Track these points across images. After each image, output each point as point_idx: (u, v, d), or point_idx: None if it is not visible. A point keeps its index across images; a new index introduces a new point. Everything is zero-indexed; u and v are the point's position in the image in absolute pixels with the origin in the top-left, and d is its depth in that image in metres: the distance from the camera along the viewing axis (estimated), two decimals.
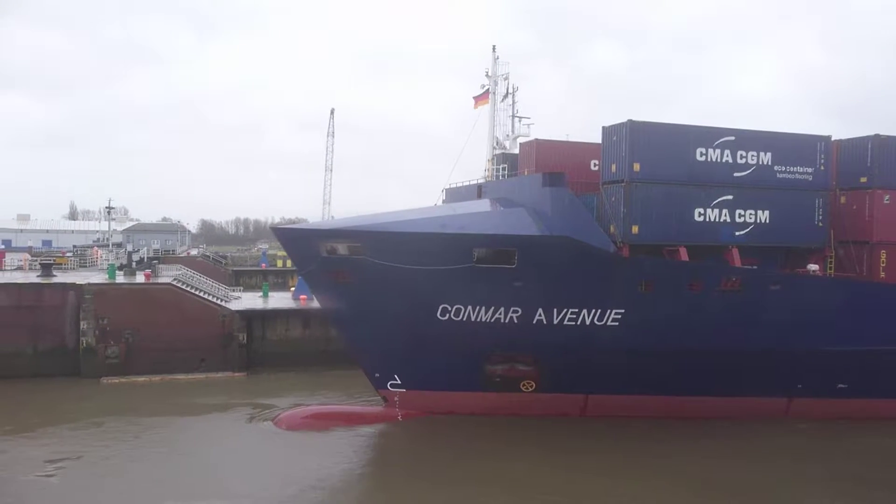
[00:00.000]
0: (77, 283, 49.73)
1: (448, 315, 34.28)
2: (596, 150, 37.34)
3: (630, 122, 34.67)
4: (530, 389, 36.82)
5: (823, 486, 29.87)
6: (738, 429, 35.90)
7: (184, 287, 51.84)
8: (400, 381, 36.87)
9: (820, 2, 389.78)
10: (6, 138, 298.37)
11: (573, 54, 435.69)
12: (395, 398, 37.07)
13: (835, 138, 38.56)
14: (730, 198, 35.53)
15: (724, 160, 35.61)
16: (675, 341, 34.35)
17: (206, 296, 52.66)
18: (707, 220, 35.26)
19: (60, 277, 54.60)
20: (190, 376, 47.45)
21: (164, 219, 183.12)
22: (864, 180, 38.02)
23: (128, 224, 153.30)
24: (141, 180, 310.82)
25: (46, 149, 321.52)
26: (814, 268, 36.99)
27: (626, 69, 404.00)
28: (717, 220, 35.38)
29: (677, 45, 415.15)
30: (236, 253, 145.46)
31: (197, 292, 52.58)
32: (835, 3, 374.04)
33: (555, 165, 37.18)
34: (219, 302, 52.59)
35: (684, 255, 34.75)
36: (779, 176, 36.33)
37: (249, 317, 51.60)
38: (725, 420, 36.51)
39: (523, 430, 35.20)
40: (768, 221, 36.01)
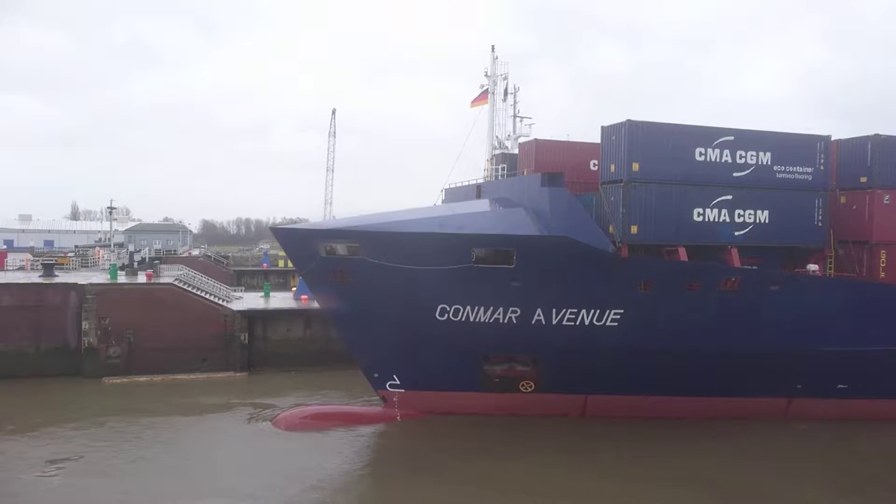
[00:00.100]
0: (79, 283, 50.15)
1: (447, 315, 34.51)
2: (595, 150, 37.50)
3: (629, 121, 34.85)
4: (529, 390, 37.06)
5: (823, 486, 30.00)
6: (738, 429, 36.08)
7: (185, 287, 52.26)
8: (399, 382, 37.15)
9: (823, 1, 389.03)
10: (9, 139, 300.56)
11: (575, 55, 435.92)
12: (394, 398, 37.33)
13: (835, 138, 38.77)
14: (729, 198, 35.71)
15: (723, 160, 35.79)
16: (675, 342, 34.52)
17: (207, 296, 53.09)
18: (706, 220, 35.43)
19: (62, 277, 55.02)
20: (191, 376, 47.86)
21: (165, 219, 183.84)
22: (863, 180, 38.24)
23: (129, 224, 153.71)
24: (143, 180, 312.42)
25: (49, 149, 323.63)
26: (813, 268, 37.15)
27: (628, 70, 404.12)
28: (717, 220, 35.57)
29: (680, 45, 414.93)
30: (238, 253, 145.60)
31: (198, 292, 53.01)
32: (837, 3, 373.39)
33: (554, 165, 37.40)
34: (220, 302, 53.03)
35: (683, 255, 34.92)
36: (778, 176, 36.49)
37: (251, 317, 51.98)
38: (725, 420, 36.65)
39: (522, 430, 35.45)
40: (768, 221, 36.18)
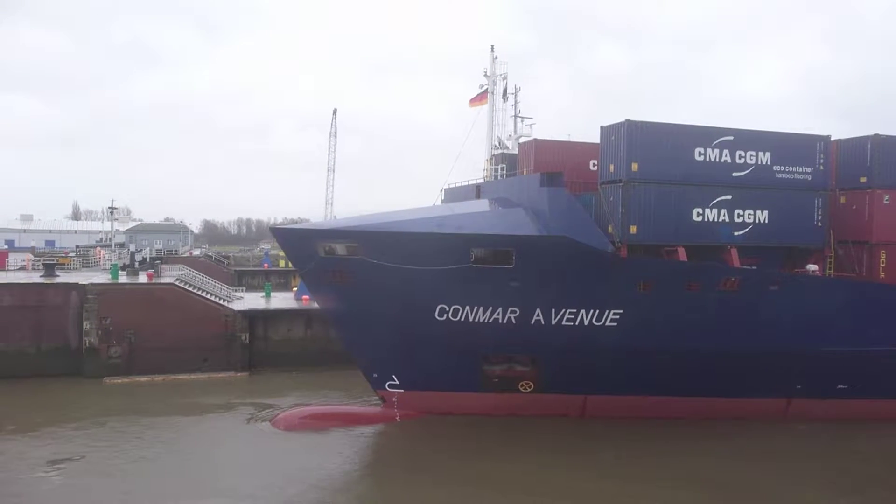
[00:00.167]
0: (80, 283, 50.54)
1: (446, 315, 34.73)
2: (595, 150, 37.67)
3: (628, 121, 35.03)
4: (529, 390, 37.29)
5: (823, 486, 30.18)
6: (738, 429, 36.30)
7: (186, 287, 52.63)
8: (398, 382, 37.40)
9: (823, 1, 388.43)
10: (9, 139, 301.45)
11: (575, 55, 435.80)
12: (394, 398, 37.57)
13: (834, 138, 38.91)
14: (728, 198, 35.88)
15: (722, 160, 35.95)
16: (674, 342, 34.73)
17: (208, 296, 53.46)
18: (706, 220, 35.61)
19: (63, 277, 55.44)
20: (192, 376, 48.19)
21: (166, 219, 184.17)
22: (863, 180, 38.38)
23: (130, 224, 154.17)
24: (143, 181, 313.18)
25: (49, 149, 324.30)
26: (813, 268, 37.30)
27: (628, 70, 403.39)
28: (716, 220, 35.74)
29: (679, 45, 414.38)
30: (239, 253, 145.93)
31: (199, 292, 53.38)
32: (837, 3, 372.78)
33: (553, 165, 37.59)
34: (221, 302, 53.40)
35: (683, 255, 35.08)
36: (778, 176, 36.65)
37: (252, 317, 52.31)
38: (724, 420, 36.83)
39: (521, 430, 35.68)
40: (767, 221, 36.35)
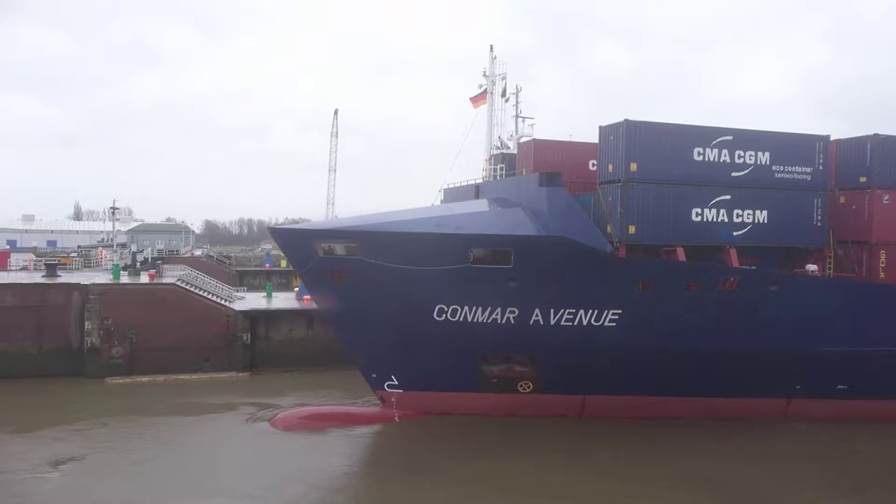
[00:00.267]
0: (82, 283, 51.19)
1: (445, 315, 35.09)
2: (594, 150, 37.96)
3: (627, 121, 35.34)
4: (527, 390, 37.69)
5: (823, 486, 30.51)
6: (737, 429, 36.63)
7: (188, 287, 53.25)
8: (397, 382, 37.78)
9: (823, 1, 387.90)
10: (9, 139, 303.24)
11: (575, 55, 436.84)
12: (393, 399, 37.95)
13: (834, 138, 39.18)
14: (727, 198, 36.18)
15: (721, 160, 36.26)
16: (673, 342, 35.08)
17: (210, 296, 54.06)
18: (704, 220, 35.91)
19: (65, 278, 56.16)
20: (194, 376, 48.75)
21: (168, 219, 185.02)
22: (863, 180, 38.65)
23: (132, 224, 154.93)
24: (143, 181, 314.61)
25: (49, 149, 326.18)
26: (812, 268, 37.58)
27: (628, 70, 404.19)
28: (715, 220, 36.04)
29: (679, 45, 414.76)
30: (240, 253, 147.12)
31: (201, 292, 53.99)
32: (837, 3, 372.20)
33: (553, 165, 37.97)
34: (223, 302, 54.01)
35: (682, 255, 35.39)
36: (777, 176, 36.93)
37: (253, 317, 52.86)
38: (724, 421, 37.14)
39: (520, 430, 36.06)
40: (766, 222, 36.64)
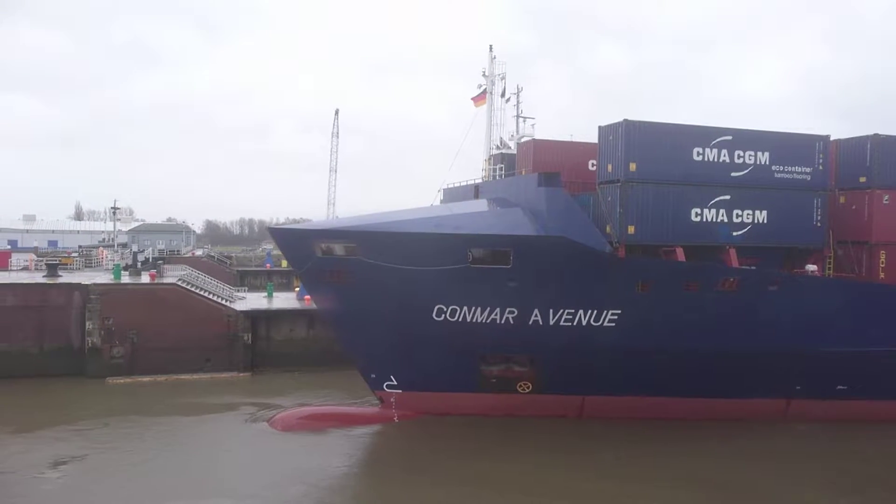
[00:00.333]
0: (82, 283, 51.65)
1: (444, 316, 35.31)
2: (594, 150, 38.19)
3: (626, 121, 35.58)
4: (527, 390, 37.95)
5: (823, 486, 30.76)
6: (737, 430, 36.85)
7: (189, 287, 53.67)
8: (396, 383, 38.02)
9: (823, 1, 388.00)
10: (10, 139, 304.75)
11: (575, 55, 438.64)
12: (392, 399, 38.19)
13: (834, 138, 39.38)
14: (727, 198, 36.42)
15: (721, 160, 36.50)
16: (672, 342, 35.31)
17: (210, 296, 54.49)
18: (704, 220, 36.16)
19: (66, 278, 56.66)
20: (195, 376, 49.15)
21: (168, 219, 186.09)
22: (863, 180, 38.86)
23: (133, 224, 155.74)
24: (144, 181, 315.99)
25: (49, 149, 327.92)
26: (812, 268, 37.82)
27: (628, 70, 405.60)
28: (715, 220, 36.29)
29: (679, 45, 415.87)
30: (241, 253, 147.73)
31: (202, 293, 54.43)
32: (837, 3, 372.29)
33: (552, 165, 38.23)
34: (224, 302, 54.45)
35: (681, 255, 35.63)
36: (777, 176, 37.16)
37: (254, 317, 53.26)
38: (724, 421, 37.35)
39: (520, 430, 36.33)
40: (766, 222, 36.88)
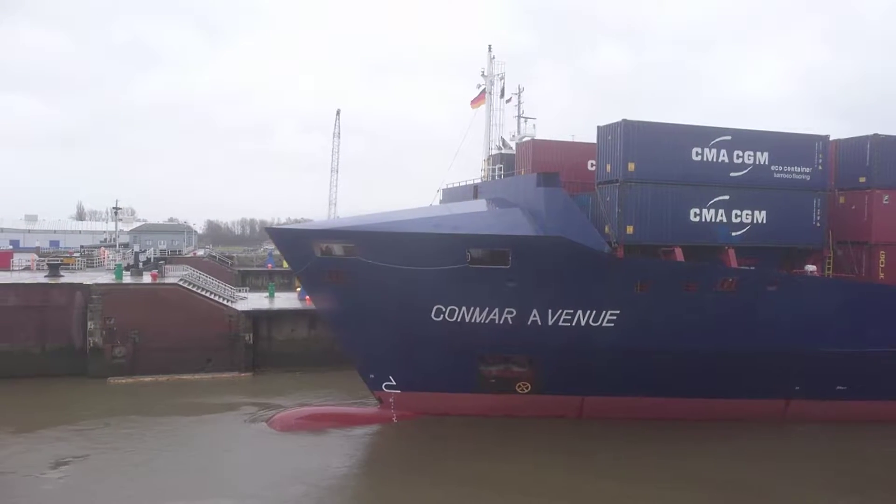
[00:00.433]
0: (84, 283, 52.28)
1: (442, 316, 35.70)
2: (593, 150, 38.64)
3: (625, 121, 36.01)
4: (526, 391, 38.38)
5: (822, 486, 31.18)
6: (737, 430, 37.27)
7: (190, 287, 54.28)
8: (395, 383, 38.43)
9: (823, 1, 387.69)
10: (10, 139, 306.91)
11: (576, 55, 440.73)
12: (390, 399, 38.63)
13: (833, 138, 39.73)
14: (726, 198, 36.81)
15: (720, 160, 36.91)
16: (671, 343, 35.71)
17: (212, 296, 55.13)
18: (703, 220, 36.56)
19: (68, 278, 57.32)
20: (196, 376, 49.73)
21: (170, 219, 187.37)
22: (862, 180, 39.18)
23: (134, 224, 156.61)
24: (144, 181, 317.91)
25: (54, 149, 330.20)
26: (812, 268, 38.21)
27: (628, 70, 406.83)
28: (714, 220, 36.68)
29: (680, 45, 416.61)
30: (242, 253, 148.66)
31: (203, 293, 55.06)
32: (837, 3, 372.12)
33: (551, 165, 38.69)
34: (225, 302, 55.06)
35: (680, 255, 36.04)
36: (776, 176, 37.55)
37: (255, 317, 53.88)
38: (724, 421, 37.73)
39: (519, 431, 36.77)
40: (765, 222, 37.27)
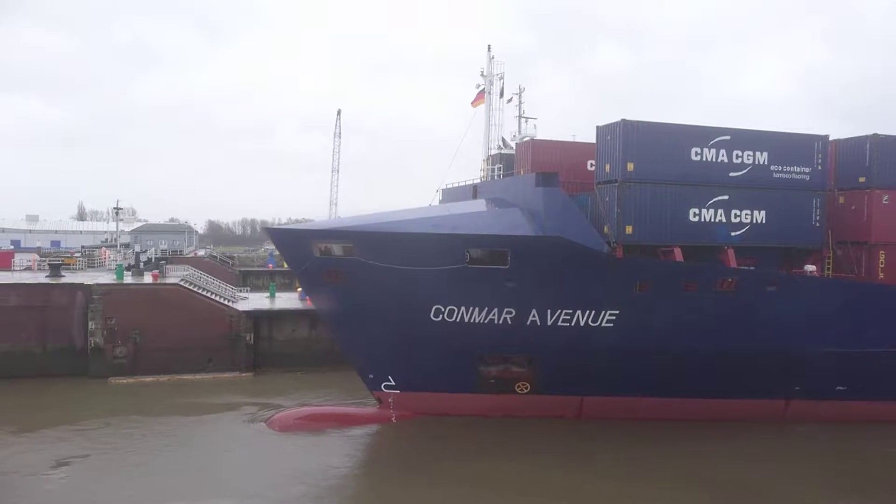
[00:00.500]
0: (85, 283, 52.79)
1: (441, 316, 35.96)
2: (592, 150, 38.93)
3: (624, 121, 36.27)
4: (525, 391, 38.65)
5: (822, 486, 31.44)
6: (737, 430, 37.53)
7: (191, 287, 54.78)
8: (394, 383, 38.72)
9: (823, 1, 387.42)
10: (15, 139, 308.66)
11: (576, 55, 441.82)
12: (390, 399, 38.93)
13: (832, 138, 39.95)
14: (725, 198, 37.10)
15: (719, 160, 37.19)
16: (671, 343, 35.98)
17: (213, 296, 55.61)
18: (702, 220, 36.85)
19: (69, 278, 57.88)
20: (197, 376, 50.21)
21: (171, 219, 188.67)
22: (862, 180, 39.43)
23: (135, 225, 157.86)
24: (145, 181, 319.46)
25: (55, 149, 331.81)
26: (811, 268, 38.47)
27: (629, 70, 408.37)
28: (713, 220, 36.96)
29: (680, 45, 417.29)
30: (243, 253, 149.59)
31: (204, 293, 55.55)
32: (838, 3, 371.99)
33: (551, 165, 39.00)
34: (226, 302, 55.54)
35: (679, 255, 36.30)
36: (775, 176, 37.81)
37: (256, 317, 54.35)
38: (724, 421, 38.01)
39: (518, 431, 37.05)
40: (765, 222, 37.54)
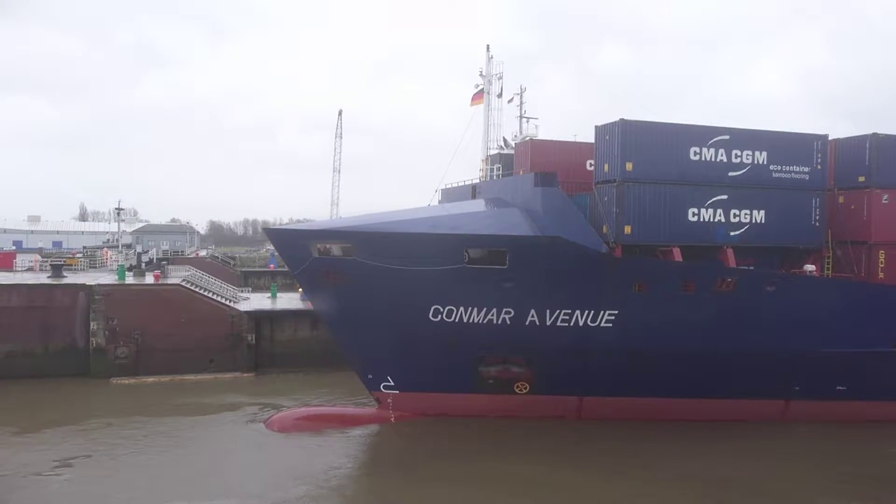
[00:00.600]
0: (87, 283, 53.52)
1: (440, 316, 36.37)
2: (591, 150, 39.31)
3: (622, 121, 36.67)
4: (524, 391, 39.06)
5: (822, 486, 31.79)
6: (737, 430, 37.89)
7: (193, 288, 55.48)
8: (393, 383, 39.09)
9: (824, 2, 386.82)
10: (17, 140, 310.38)
11: (579, 55, 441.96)
12: (389, 400, 39.33)
13: (832, 137, 40.30)
14: (724, 198, 37.47)
15: (718, 159, 37.57)
16: (670, 343, 36.35)
17: (214, 297, 56.30)
18: (701, 220, 37.23)
19: (71, 278, 58.75)
20: (198, 377, 50.80)
21: (173, 220, 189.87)
22: (862, 180, 39.71)
23: (137, 225, 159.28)
24: (146, 181, 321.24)
25: (57, 150, 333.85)
26: (810, 268, 38.80)
27: (631, 70, 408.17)
28: (712, 220, 37.34)
29: (682, 45, 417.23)
30: (245, 254, 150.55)
31: (206, 293, 56.25)
32: (839, 3, 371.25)
33: (550, 165, 39.37)
34: (227, 303, 56.25)
35: (678, 255, 36.70)
36: (774, 175, 38.18)
37: (258, 317, 55.01)
38: (723, 422, 38.38)
39: (518, 431, 37.42)
40: (764, 221, 37.90)
